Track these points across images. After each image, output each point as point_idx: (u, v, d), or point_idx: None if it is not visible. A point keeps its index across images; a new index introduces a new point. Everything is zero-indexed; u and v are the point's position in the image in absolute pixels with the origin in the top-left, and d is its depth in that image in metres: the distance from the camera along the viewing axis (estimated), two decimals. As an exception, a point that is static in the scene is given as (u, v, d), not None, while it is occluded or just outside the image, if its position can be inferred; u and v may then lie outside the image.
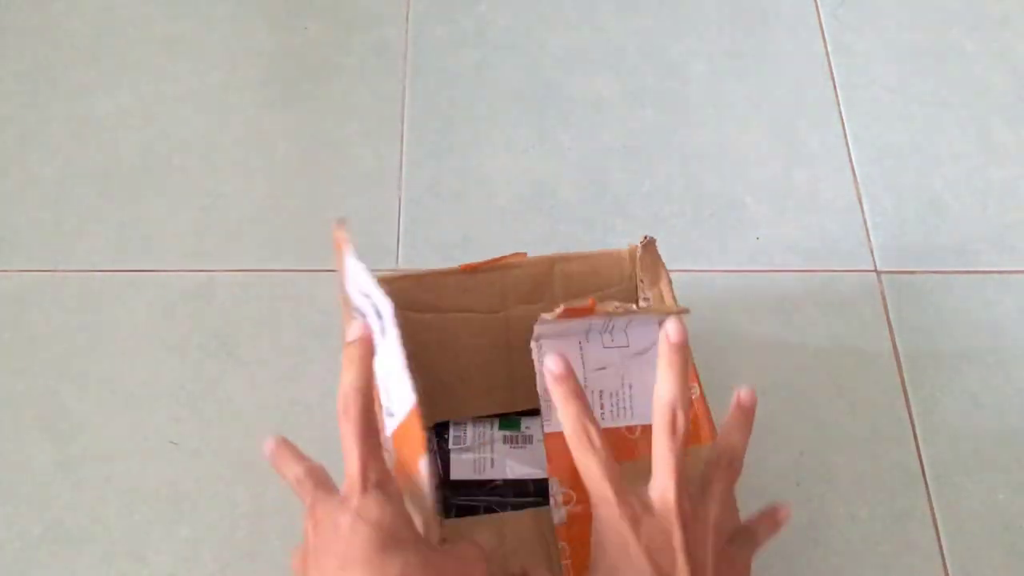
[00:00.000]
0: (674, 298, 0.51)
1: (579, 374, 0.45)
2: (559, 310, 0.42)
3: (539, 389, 0.45)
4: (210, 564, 0.58)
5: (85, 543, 0.58)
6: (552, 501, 0.44)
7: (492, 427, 0.53)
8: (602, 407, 0.47)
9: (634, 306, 0.45)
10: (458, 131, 0.75)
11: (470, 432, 0.52)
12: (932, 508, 0.61)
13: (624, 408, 0.47)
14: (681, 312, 0.45)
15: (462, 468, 0.51)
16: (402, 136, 0.75)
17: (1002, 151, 0.76)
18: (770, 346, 0.67)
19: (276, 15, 0.81)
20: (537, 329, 0.45)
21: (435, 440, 0.52)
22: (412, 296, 0.50)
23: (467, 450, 0.52)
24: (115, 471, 0.61)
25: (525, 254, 0.52)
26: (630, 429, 0.47)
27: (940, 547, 0.60)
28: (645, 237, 0.50)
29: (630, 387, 0.48)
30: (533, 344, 0.46)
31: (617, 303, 0.44)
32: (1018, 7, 0.84)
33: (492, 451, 0.52)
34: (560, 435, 0.42)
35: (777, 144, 0.76)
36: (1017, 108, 0.78)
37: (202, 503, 0.59)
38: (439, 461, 0.52)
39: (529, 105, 0.77)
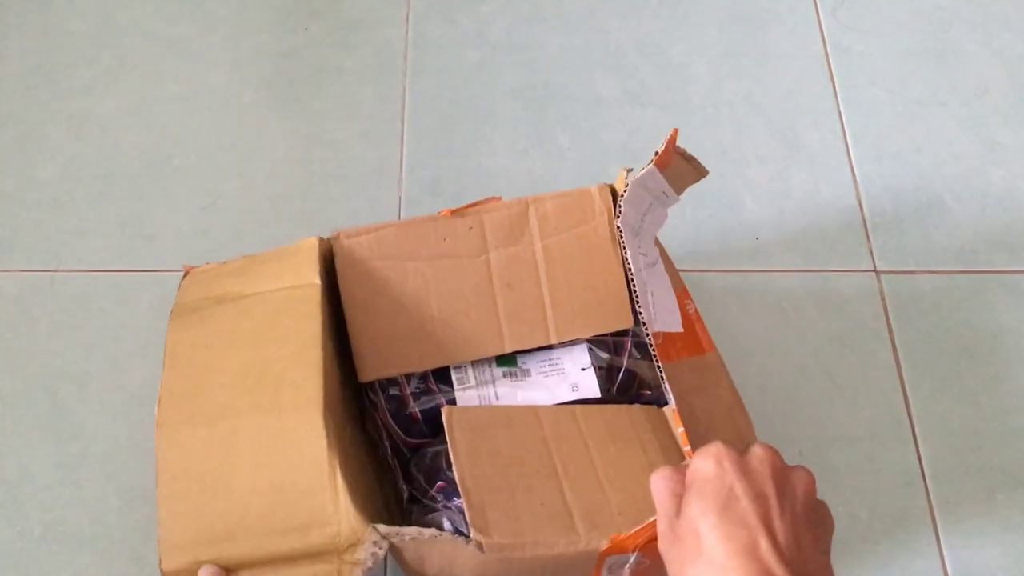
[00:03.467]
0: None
1: (639, 270, 0.49)
2: (653, 157, 0.46)
3: (632, 275, 0.48)
4: (210, 564, 0.58)
5: (85, 543, 0.58)
6: (664, 386, 0.46)
7: (491, 366, 0.54)
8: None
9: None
10: (458, 131, 0.75)
11: (471, 372, 0.54)
12: (932, 508, 0.61)
13: (651, 314, 0.49)
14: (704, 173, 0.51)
15: (468, 403, 0.53)
16: (402, 136, 0.75)
17: (1002, 151, 0.76)
18: (770, 346, 0.67)
19: (276, 15, 0.81)
20: (624, 207, 0.48)
21: (433, 381, 0.54)
22: (395, 244, 0.52)
23: (471, 387, 0.53)
24: (115, 471, 0.61)
25: (500, 198, 0.54)
26: (656, 335, 0.49)
27: (940, 547, 0.60)
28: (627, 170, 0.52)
29: (652, 294, 0.50)
30: (618, 224, 0.49)
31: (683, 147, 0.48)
32: (1018, 7, 0.84)
33: (495, 386, 0.53)
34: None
35: (777, 144, 0.76)
36: (1017, 108, 0.78)
37: (202, 503, 0.59)
38: (443, 401, 0.53)
39: (529, 105, 0.77)
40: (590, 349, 0.54)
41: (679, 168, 0.50)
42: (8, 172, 0.73)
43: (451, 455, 0.46)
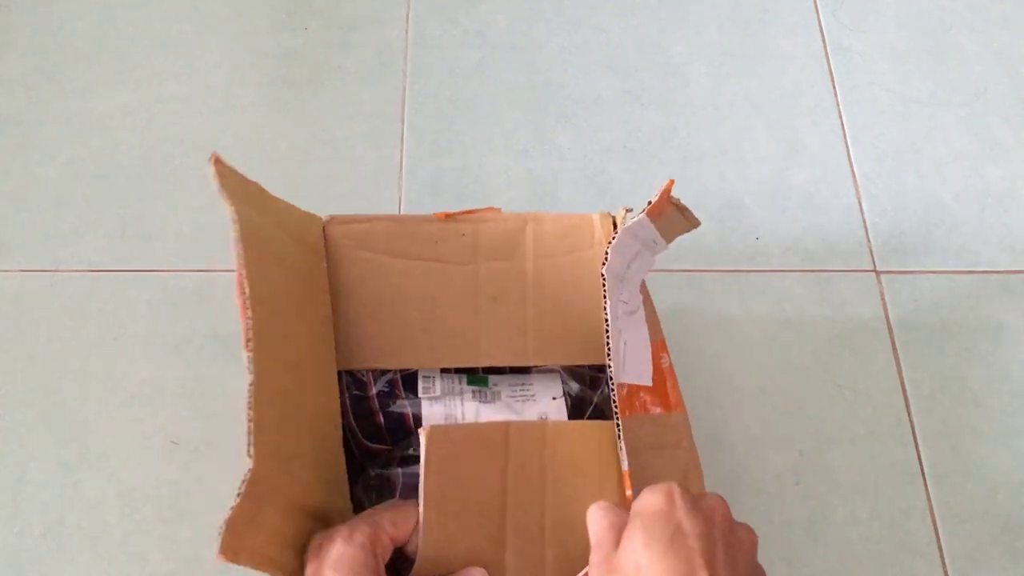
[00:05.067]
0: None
1: (614, 320, 0.46)
2: (646, 207, 0.45)
3: (607, 329, 0.45)
4: (210, 564, 0.58)
5: (85, 543, 0.58)
6: (619, 446, 0.44)
7: (460, 382, 0.52)
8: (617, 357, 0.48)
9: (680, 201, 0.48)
10: (458, 131, 0.75)
11: (439, 383, 0.52)
12: (932, 508, 0.61)
13: (620, 363, 0.47)
14: (696, 224, 0.50)
15: (434, 417, 0.50)
16: (402, 136, 0.75)
17: (1001, 151, 0.76)
18: (770, 346, 0.67)
19: (276, 15, 0.81)
20: (611, 255, 0.46)
21: (401, 386, 0.52)
22: (386, 239, 0.51)
23: (437, 399, 0.51)
24: (115, 471, 0.61)
25: (499, 209, 0.52)
26: (620, 386, 0.47)
27: (940, 547, 0.60)
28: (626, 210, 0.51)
29: (625, 344, 0.48)
30: (603, 271, 0.46)
31: (677, 197, 0.47)
32: (1018, 7, 0.84)
33: (462, 403, 0.51)
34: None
35: (777, 144, 0.76)
36: (1017, 108, 0.78)
37: (202, 503, 0.59)
38: (410, 410, 0.51)
39: (529, 105, 0.77)
40: (563, 378, 0.52)
41: (671, 217, 0.49)
42: (8, 172, 0.73)
43: (422, 500, 0.43)
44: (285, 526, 0.41)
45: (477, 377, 0.52)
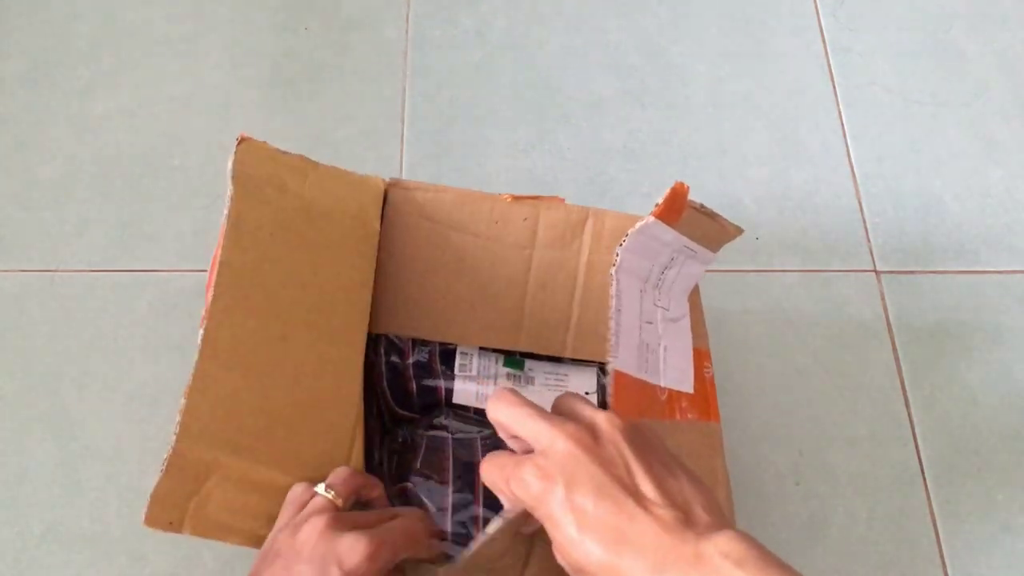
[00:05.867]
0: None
1: (635, 319, 0.46)
2: (656, 209, 0.44)
3: (611, 324, 0.44)
4: (210, 564, 0.58)
5: (85, 543, 0.58)
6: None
7: (497, 362, 0.52)
8: (647, 360, 0.47)
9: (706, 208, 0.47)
10: (458, 131, 0.75)
11: (475, 362, 0.52)
12: (932, 508, 0.61)
13: (657, 367, 0.47)
14: (738, 232, 0.51)
15: (464, 395, 0.51)
16: (402, 136, 0.75)
17: (1001, 151, 0.76)
18: (770, 346, 0.67)
19: (276, 15, 0.81)
20: (622, 255, 0.45)
21: (439, 364, 0.52)
22: (448, 211, 0.50)
23: (471, 379, 0.51)
24: (115, 471, 0.61)
25: (563, 200, 0.52)
26: (660, 390, 0.47)
27: (939, 547, 0.60)
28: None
29: (665, 349, 0.48)
30: (612, 271, 0.46)
31: (700, 203, 0.46)
32: (1018, 7, 0.84)
33: (495, 385, 0.51)
34: (624, 374, 0.44)
35: (777, 144, 0.76)
36: (1017, 108, 0.78)
37: (202, 503, 0.59)
38: (443, 384, 0.51)
39: (529, 105, 0.77)
40: (599, 373, 0.53)
41: (698, 223, 0.48)
42: (8, 172, 0.73)
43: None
44: (246, 499, 0.40)
45: (514, 360, 0.53)
